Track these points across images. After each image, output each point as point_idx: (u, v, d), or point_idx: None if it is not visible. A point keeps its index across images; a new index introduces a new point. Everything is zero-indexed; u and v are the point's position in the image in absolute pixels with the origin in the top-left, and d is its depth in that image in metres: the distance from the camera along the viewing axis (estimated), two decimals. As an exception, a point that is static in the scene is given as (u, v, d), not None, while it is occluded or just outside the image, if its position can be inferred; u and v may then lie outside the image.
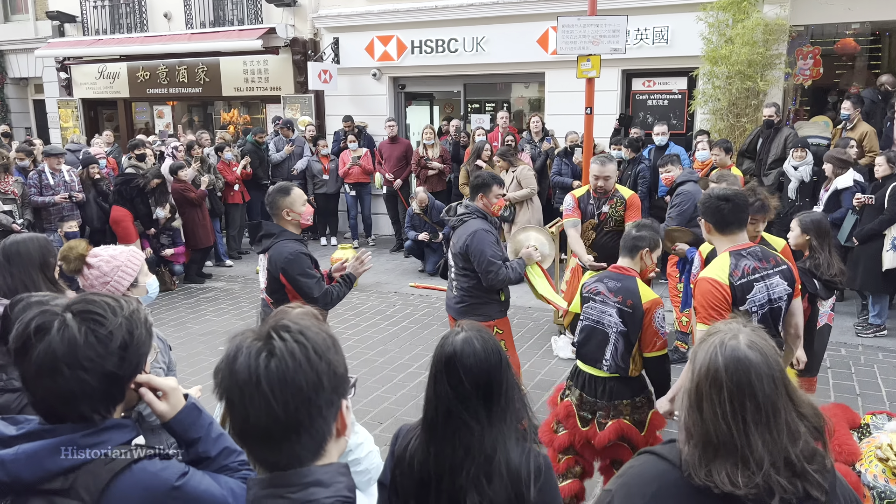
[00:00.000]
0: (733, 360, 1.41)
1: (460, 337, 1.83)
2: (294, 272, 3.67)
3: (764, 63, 8.69)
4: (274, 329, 1.17)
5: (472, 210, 4.30)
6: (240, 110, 13.86)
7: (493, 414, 1.77)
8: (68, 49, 14.27)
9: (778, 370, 1.42)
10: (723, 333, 1.48)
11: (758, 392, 1.38)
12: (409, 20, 11.13)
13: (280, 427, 1.11)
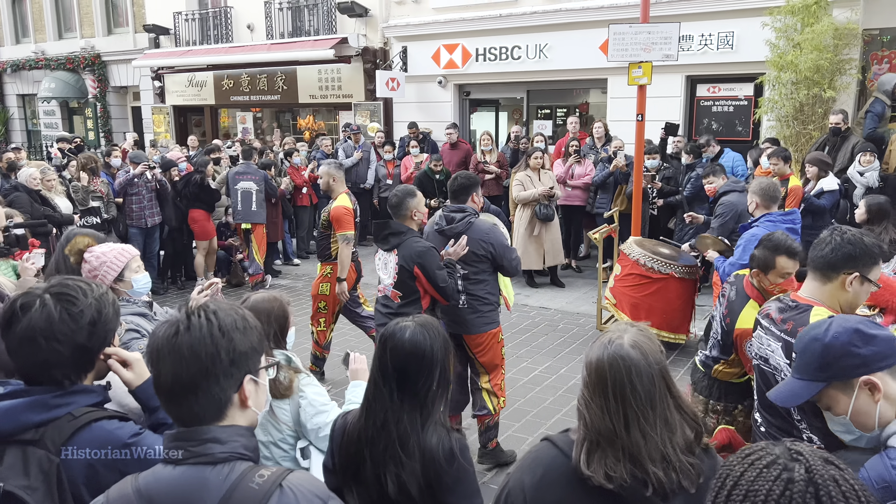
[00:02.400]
0: (616, 358, 1.55)
1: (403, 325, 2.02)
2: (431, 265, 3.89)
3: (833, 69, 8.41)
4: (197, 308, 1.41)
5: (471, 211, 4.27)
6: (314, 117, 14.49)
7: (409, 399, 1.93)
8: (161, 59, 15.32)
9: (658, 367, 1.55)
10: (612, 333, 1.63)
11: (637, 388, 1.52)
12: (474, 29, 11.37)
13: (180, 386, 1.34)
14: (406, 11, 12.14)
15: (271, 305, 2.50)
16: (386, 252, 4.08)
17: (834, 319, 1.73)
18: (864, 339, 1.62)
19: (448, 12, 11.64)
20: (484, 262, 4.22)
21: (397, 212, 4.10)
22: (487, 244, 4.18)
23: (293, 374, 2.42)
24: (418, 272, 3.92)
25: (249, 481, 1.27)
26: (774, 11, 8.66)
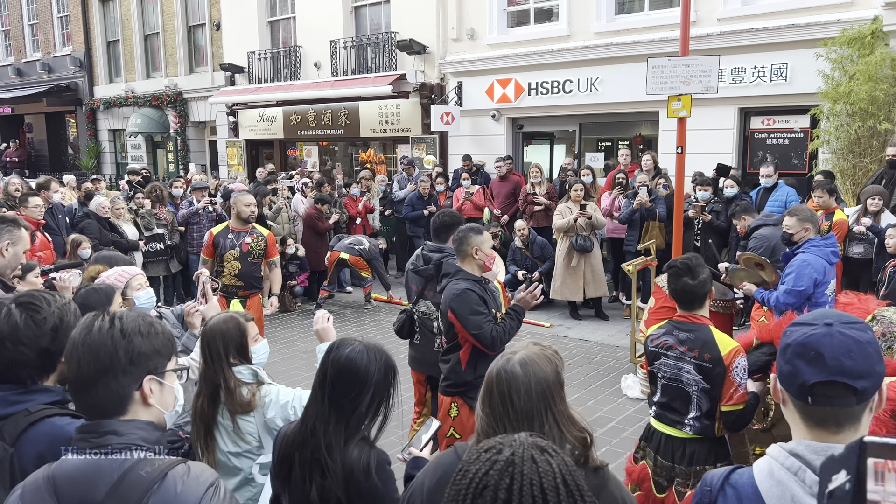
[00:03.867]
0: (501, 372, 1.67)
1: (350, 341, 2.17)
2: (463, 310, 3.49)
3: (890, 100, 8.13)
4: (106, 313, 1.60)
5: (450, 251, 4.05)
6: (375, 150, 14.97)
7: (336, 412, 2.05)
8: (234, 96, 16.23)
9: (543, 385, 1.66)
10: (512, 349, 1.75)
11: (514, 401, 1.63)
12: (526, 63, 11.58)
13: (82, 380, 1.53)
14: (462, 48, 12.48)
15: (226, 326, 2.66)
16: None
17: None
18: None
19: (502, 48, 11.91)
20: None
21: (458, 247, 3.73)
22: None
23: (255, 388, 2.60)
24: (452, 317, 3.55)
25: (140, 469, 1.44)
26: (829, 42, 8.50)
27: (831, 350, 1.37)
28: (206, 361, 2.58)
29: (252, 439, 2.56)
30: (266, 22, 16.32)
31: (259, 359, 2.81)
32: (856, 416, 1.39)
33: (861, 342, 1.38)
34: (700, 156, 9.50)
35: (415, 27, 12.89)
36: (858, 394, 1.36)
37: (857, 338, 1.38)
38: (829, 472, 1.10)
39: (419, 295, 4.32)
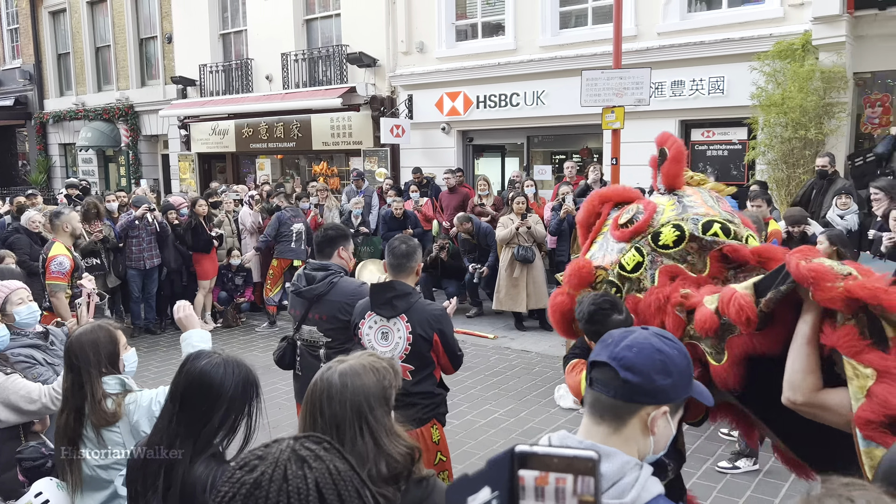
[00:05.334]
0: (318, 381, 1.65)
1: (209, 353, 2.12)
2: (450, 331, 3.39)
3: (820, 112, 8.35)
4: None
5: (336, 269, 3.80)
6: (328, 163, 14.90)
7: (186, 426, 1.98)
8: (186, 109, 16.04)
9: (359, 398, 1.63)
10: (340, 359, 1.72)
11: (325, 411, 1.60)
12: (475, 77, 11.65)
13: None
14: (411, 61, 12.52)
15: (96, 335, 2.60)
16: (387, 319, 3.37)
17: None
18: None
19: (450, 62, 11.98)
20: (349, 328, 3.63)
21: (406, 264, 3.41)
22: (353, 307, 3.61)
23: (121, 399, 2.53)
24: (437, 339, 3.34)
25: None
26: (762, 56, 8.70)
27: (621, 339, 1.42)
28: (72, 375, 2.49)
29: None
30: (218, 35, 16.19)
31: (130, 367, 2.73)
32: (619, 415, 1.38)
33: (654, 348, 1.39)
34: (642, 168, 9.60)
35: (365, 40, 12.90)
36: (623, 385, 1.36)
37: (653, 343, 1.39)
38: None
39: (301, 320, 3.85)
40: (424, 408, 3.43)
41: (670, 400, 1.40)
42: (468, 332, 8.88)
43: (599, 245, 2.89)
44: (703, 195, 2.89)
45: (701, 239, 2.61)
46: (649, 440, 1.39)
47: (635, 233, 2.72)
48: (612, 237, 2.82)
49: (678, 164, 2.93)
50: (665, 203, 2.80)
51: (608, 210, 2.99)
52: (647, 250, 2.68)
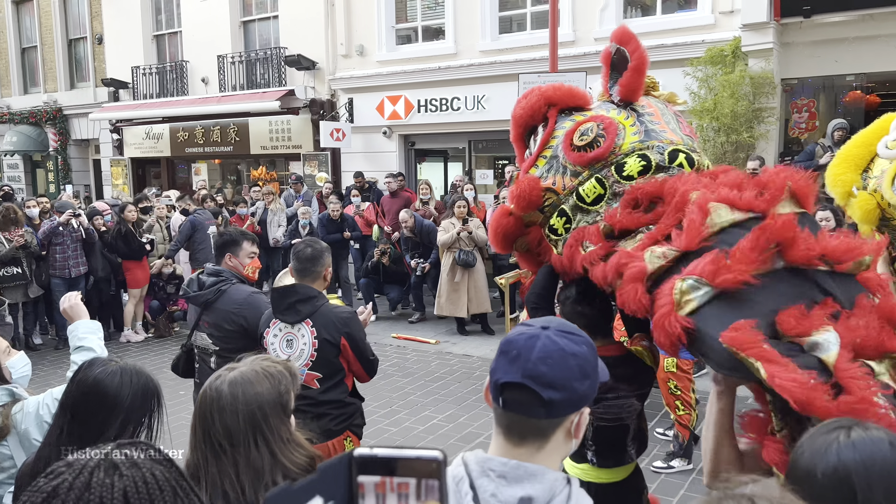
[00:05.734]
0: (207, 390, 1.53)
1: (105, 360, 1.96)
2: (359, 334, 3.25)
3: (751, 116, 8.58)
4: None
5: (227, 276, 3.63)
6: (267, 167, 14.60)
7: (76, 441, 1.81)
8: (117, 112, 15.50)
9: (252, 407, 1.52)
10: (230, 366, 1.61)
11: (216, 423, 1.49)
12: (416, 81, 11.59)
13: None
14: (352, 64, 12.38)
15: None
16: (291, 325, 3.21)
17: None
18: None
19: (391, 65, 11.88)
20: (239, 338, 3.50)
21: (311, 268, 3.27)
22: (239, 316, 3.50)
23: (7, 411, 2.34)
24: (346, 344, 3.20)
25: None
26: (695, 62, 8.90)
27: (530, 352, 1.26)
28: None
29: (8, 464, 2.29)
30: (151, 36, 15.71)
31: (19, 373, 2.52)
32: (542, 432, 1.27)
33: (565, 352, 1.27)
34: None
35: (304, 43, 12.69)
36: (546, 405, 1.24)
37: (563, 346, 1.27)
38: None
39: (194, 326, 3.68)
40: (336, 419, 3.23)
41: (591, 400, 1.32)
42: (409, 337, 8.77)
43: (548, 163, 2.54)
44: (660, 110, 2.65)
45: (668, 169, 2.41)
46: (572, 443, 1.32)
47: (596, 159, 2.44)
48: (566, 157, 2.50)
49: (640, 76, 2.59)
50: (623, 121, 2.52)
51: (554, 117, 2.61)
52: (610, 181, 2.43)
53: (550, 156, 2.55)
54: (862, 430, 1.24)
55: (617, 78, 2.62)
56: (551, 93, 2.61)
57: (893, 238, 3.05)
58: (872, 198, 2.94)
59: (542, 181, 2.53)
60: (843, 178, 3.08)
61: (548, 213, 2.58)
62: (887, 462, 1.17)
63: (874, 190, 2.96)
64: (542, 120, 2.63)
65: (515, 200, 2.55)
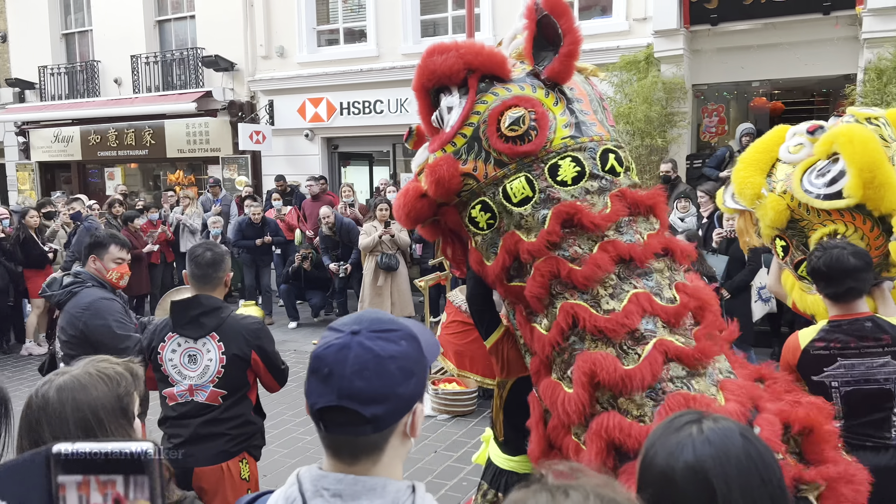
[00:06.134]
0: (33, 398, 1.47)
1: None
2: (269, 345, 3.08)
3: (664, 121, 8.83)
4: None
5: (86, 277, 3.41)
6: (184, 171, 14.13)
7: None
8: (23, 114, 14.71)
9: (85, 413, 1.43)
10: (64, 370, 1.52)
11: (45, 433, 1.42)
12: (338, 83, 11.45)
13: None
14: (272, 66, 12.13)
15: None
16: (194, 340, 2.99)
17: None
18: None
19: (312, 67, 11.70)
20: (79, 344, 3.26)
21: (212, 274, 3.04)
22: (80, 321, 3.26)
23: None
24: (257, 358, 3.01)
25: None
26: (610, 68, 9.09)
27: (343, 367, 1.14)
28: None
29: None
30: (60, 35, 14.97)
31: None
32: (375, 446, 1.18)
33: (382, 357, 1.15)
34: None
35: (222, 43, 12.34)
36: (371, 421, 1.14)
37: (378, 352, 1.15)
38: None
39: (57, 329, 3.49)
40: (234, 439, 3.04)
41: (421, 394, 1.23)
42: (323, 343, 8.60)
43: (468, 143, 2.31)
44: (588, 95, 2.44)
45: (600, 178, 2.27)
46: (410, 442, 1.25)
47: (526, 154, 2.25)
48: (492, 144, 2.28)
49: (573, 60, 2.31)
50: (553, 108, 2.31)
51: (475, 87, 2.34)
52: (541, 185, 2.25)
53: (471, 136, 2.30)
54: (712, 421, 1.18)
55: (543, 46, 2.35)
56: (472, 57, 2.33)
57: (799, 241, 3.16)
58: (782, 199, 3.05)
59: (462, 164, 2.31)
60: (751, 181, 3.19)
61: (465, 199, 2.37)
62: (741, 455, 1.13)
63: (783, 192, 3.07)
64: (459, 84, 2.37)
65: (432, 185, 2.32)
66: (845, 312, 2.75)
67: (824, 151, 2.96)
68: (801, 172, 3.05)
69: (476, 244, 2.45)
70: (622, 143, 2.44)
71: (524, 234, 2.27)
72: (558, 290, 2.21)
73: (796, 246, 3.16)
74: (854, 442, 2.74)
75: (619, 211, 2.22)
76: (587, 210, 2.19)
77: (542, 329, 2.22)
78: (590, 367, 2.04)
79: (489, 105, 2.30)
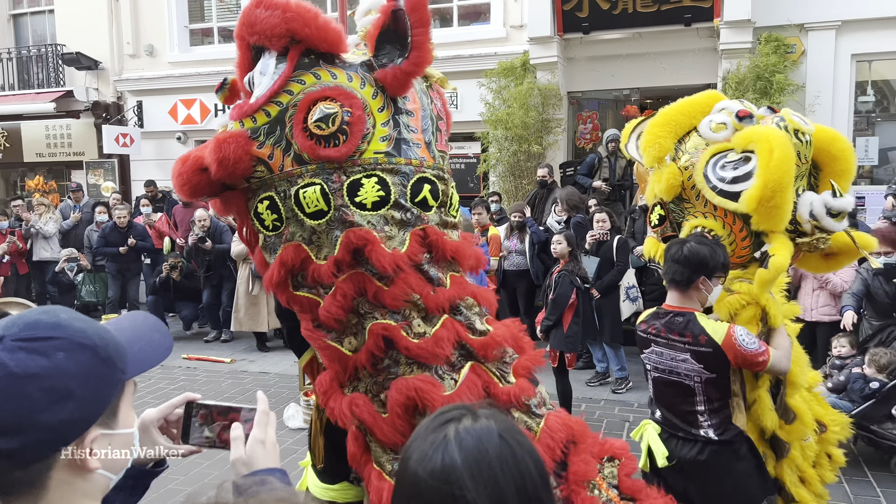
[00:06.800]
0: None
1: None
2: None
3: (540, 127, 8.97)
4: None
5: None
6: (45, 177, 13.07)
7: None
8: None
9: None
10: None
11: None
12: (211, 84, 10.86)
13: None
14: (141, 65, 11.44)
15: None
16: None
17: None
18: None
19: (184, 67, 11.13)
20: None
21: None
22: None
23: None
24: None
25: None
26: (489, 73, 9.16)
27: None
28: None
29: None
30: None
31: None
32: (31, 483, 0.96)
33: (16, 377, 0.92)
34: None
35: (84, 40, 11.52)
36: (5, 456, 0.92)
37: (12, 369, 0.92)
38: None
39: None
40: None
41: (94, 418, 0.99)
42: (202, 357, 8.14)
43: (270, 126, 1.97)
44: (423, 109, 2.12)
45: (406, 209, 1.99)
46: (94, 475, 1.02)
47: (330, 159, 1.93)
48: (295, 135, 1.95)
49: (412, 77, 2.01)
50: (376, 112, 1.99)
51: (295, 60, 1.98)
52: (336, 201, 1.95)
53: (276, 116, 1.97)
54: (471, 420, 1.03)
55: (391, 38, 1.99)
56: (298, 25, 1.93)
57: (675, 218, 3.15)
58: (680, 174, 2.99)
59: (257, 146, 1.96)
60: (662, 142, 3.04)
61: (254, 187, 2.03)
62: (493, 461, 0.98)
63: (684, 167, 3.00)
64: (279, 49, 1.99)
65: (214, 163, 1.94)
66: (670, 303, 2.83)
67: (741, 146, 2.88)
68: (710, 156, 2.96)
69: (261, 243, 2.10)
70: (445, 174, 2.15)
71: (314, 252, 1.98)
72: (367, 308, 1.96)
73: (672, 221, 3.15)
74: (668, 431, 2.81)
75: (415, 253, 1.96)
76: (380, 244, 1.92)
77: (346, 350, 1.97)
78: (409, 394, 1.86)
79: (305, 87, 1.96)
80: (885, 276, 4.74)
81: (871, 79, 8.51)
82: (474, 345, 1.97)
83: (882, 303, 4.82)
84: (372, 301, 1.94)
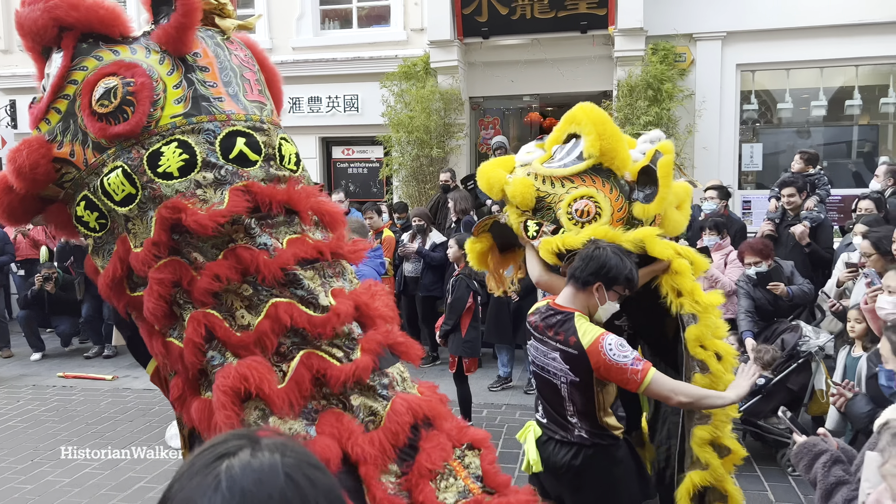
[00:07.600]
0: None
1: None
2: None
3: (443, 131, 8.87)
4: None
5: None
6: None
7: None
8: None
9: None
10: None
11: None
12: (94, 83, 10.24)
13: None
14: (13, 61, 10.59)
15: None
16: None
17: None
18: None
19: (63, 64, 10.36)
20: None
21: None
22: None
23: None
24: None
25: None
26: (390, 76, 9.01)
27: None
28: None
29: None
30: None
31: None
32: None
33: None
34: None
35: (-52, 32, 10.56)
36: None
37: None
38: None
39: None
40: None
41: None
42: (80, 375, 7.53)
43: (63, 121, 1.90)
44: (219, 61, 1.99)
45: (219, 167, 1.85)
46: None
47: (122, 136, 1.81)
48: (85, 121, 1.84)
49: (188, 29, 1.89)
50: (165, 76, 1.87)
51: (70, 48, 1.88)
52: (142, 179, 1.82)
53: (66, 111, 1.88)
54: (249, 454, 0.82)
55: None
56: (63, 11, 1.84)
57: (549, 217, 3.10)
58: (529, 181, 3.07)
59: (56, 147, 1.87)
60: (495, 175, 3.21)
61: (71, 192, 1.93)
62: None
63: (527, 174, 3.11)
64: (54, 43, 1.91)
65: (13, 176, 1.86)
66: (559, 300, 2.77)
67: (564, 130, 3.17)
68: (541, 162, 3.16)
69: (90, 249, 1.99)
70: (266, 124, 2.00)
71: (133, 241, 1.84)
72: (186, 298, 1.82)
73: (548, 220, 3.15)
74: (548, 433, 2.77)
75: (237, 206, 1.81)
76: (193, 209, 1.77)
77: (179, 342, 1.81)
78: (235, 382, 1.70)
79: (88, 72, 1.86)
80: (760, 283, 5.08)
81: (754, 88, 8.91)
82: (309, 326, 1.82)
83: (764, 308, 5.11)
84: (187, 288, 1.80)
